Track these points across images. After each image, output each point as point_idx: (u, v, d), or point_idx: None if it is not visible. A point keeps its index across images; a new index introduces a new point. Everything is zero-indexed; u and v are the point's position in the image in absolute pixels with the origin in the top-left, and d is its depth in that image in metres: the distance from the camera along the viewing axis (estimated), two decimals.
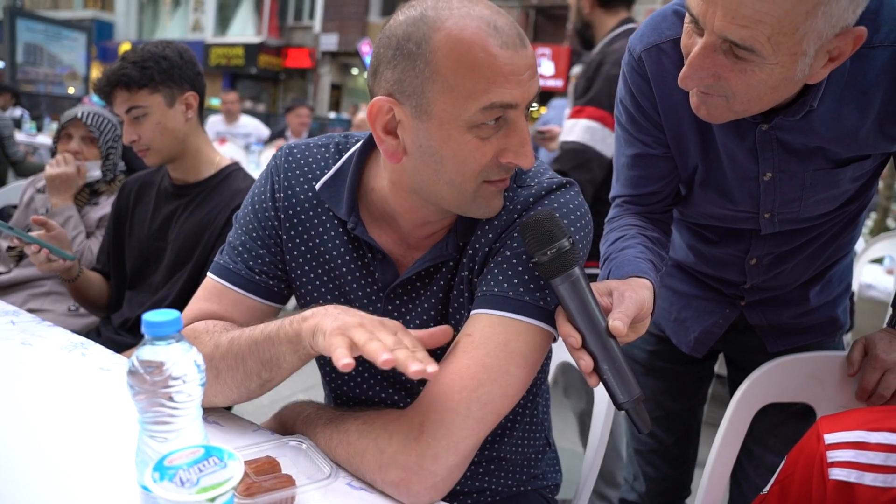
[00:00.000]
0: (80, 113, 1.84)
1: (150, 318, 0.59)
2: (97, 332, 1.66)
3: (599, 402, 1.18)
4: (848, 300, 1.30)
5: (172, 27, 23.41)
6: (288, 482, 0.71)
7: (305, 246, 0.95)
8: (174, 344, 0.60)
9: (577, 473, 1.20)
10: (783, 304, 1.23)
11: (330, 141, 0.98)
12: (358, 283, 0.94)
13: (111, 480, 0.73)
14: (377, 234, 0.92)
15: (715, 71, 0.83)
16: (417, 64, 0.75)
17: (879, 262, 3.18)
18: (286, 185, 0.94)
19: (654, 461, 1.49)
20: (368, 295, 0.94)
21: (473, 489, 1.02)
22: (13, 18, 10.00)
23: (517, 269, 0.84)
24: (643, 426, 0.80)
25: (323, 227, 0.94)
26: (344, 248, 0.93)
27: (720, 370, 1.47)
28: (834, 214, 1.11)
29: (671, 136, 1.07)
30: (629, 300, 0.80)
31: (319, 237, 0.94)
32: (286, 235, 0.95)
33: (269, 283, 0.95)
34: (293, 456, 0.81)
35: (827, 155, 0.99)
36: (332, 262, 0.94)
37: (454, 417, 0.76)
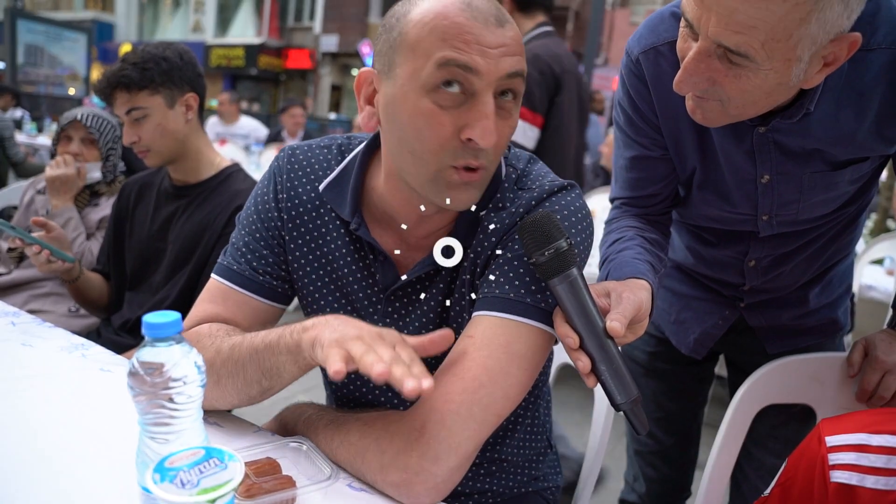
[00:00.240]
0: (79, 115, 1.84)
1: (150, 319, 0.59)
2: (97, 332, 1.66)
3: (599, 403, 1.18)
4: (849, 302, 1.30)
5: (173, 28, 23.43)
6: (288, 483, 0.71)
7: (308, 247, 0.95)
8: (174, 346, 0.60)
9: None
10: (783, 305, 1.23)
11: (332, 142, 0.98)
12: (359, 284, 0.94)
13: (112, 482, 0.73)
14: (378, 234, 0.92)
15: (710, 76, 0.83)
16: (392, 34, 0.80)
17: (880, 262, 3.18)
18: (289, 185, 0.95)
19: (654, 462, 1.49)
20: (369, 296, 0.94)
21: (474, 490, 1.02)
22: (14, 19, 10.00)
23: (518, 270, 0.84)
24: (641, 427, 0.80)
25: (325, 228, 0.94)
26: (346, 249, 0.94)
27: (721, 371, 1.47)
28: (833, 216, 1.11)
29: (669, 138, 1.07)
30: (627, 301, 0.80)
31: (322, 238, 0.94)
32: (289, 236, 0.95)
33: (272, 283, 0.95)
34: (293, 457, 0.81)
35: (825, 157, 0.99)
36: (334, 262, 0.95)
37: (455, 419, 0.76)
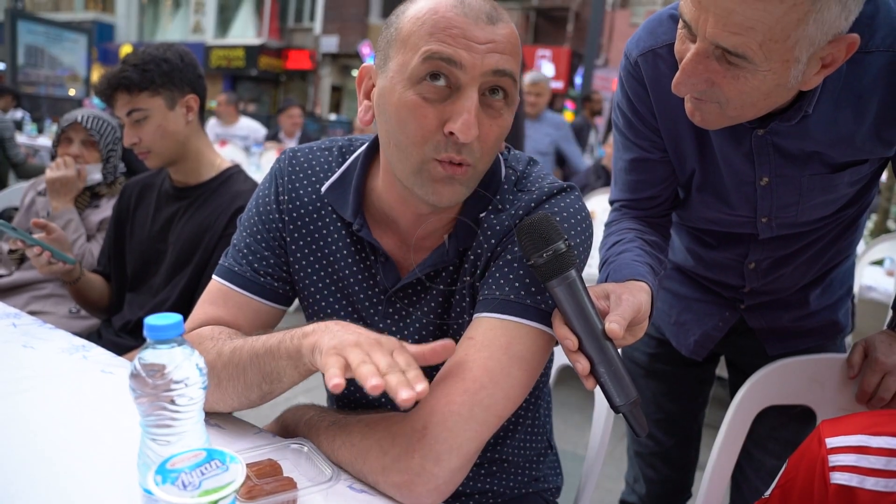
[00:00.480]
0: (79, 116, 1.84)
1: (152, 321, 0.59)
2: (98, 334, 1.66)
3: (599, 404, 1.18)
4: (849, 303, 1.30)
5: (173, 29, 23.42)
6: (289, 485, 0.71)
7: (309, 248, 0.95)
8: (176, 347, 0.60)
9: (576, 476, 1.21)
10: (783, 307, 1.23)
11: (333, 144, 0.99)
12: (360, 285, 0.94)
13: (113, 483, 0.73)
14: (379, 235, 0.92)
15: (708, 77, 0.83)
16: (390, 30, 0.82)
17: (880, 263, 3.18)
18: (290, 187, 0.95)
19: (654, 463, 1.49)
20: (370, 297, 0.94)
21: (475, 491, 1.02)
22: (14, 20, 10.01)
23: (518, 272, 0.84)
24: (640, 429, 0.80)
25: (327, 229, 0.94)
26: (347, 250, 0.94)
27: (721, 373, 1.47)
28: (832, 218, 1.11)
29: (668, 140, 1.07)
30: (626, 303, 0.80)
31: (323, 239, 0.95)
32: (290, 238, 0.95)
33: (273, 285, 0.95)
34: (294, 459, 0.81)
35: (823, 159, 0.98)
36: (335, 264, 0.95)
37: (457, 420, 0.76)
